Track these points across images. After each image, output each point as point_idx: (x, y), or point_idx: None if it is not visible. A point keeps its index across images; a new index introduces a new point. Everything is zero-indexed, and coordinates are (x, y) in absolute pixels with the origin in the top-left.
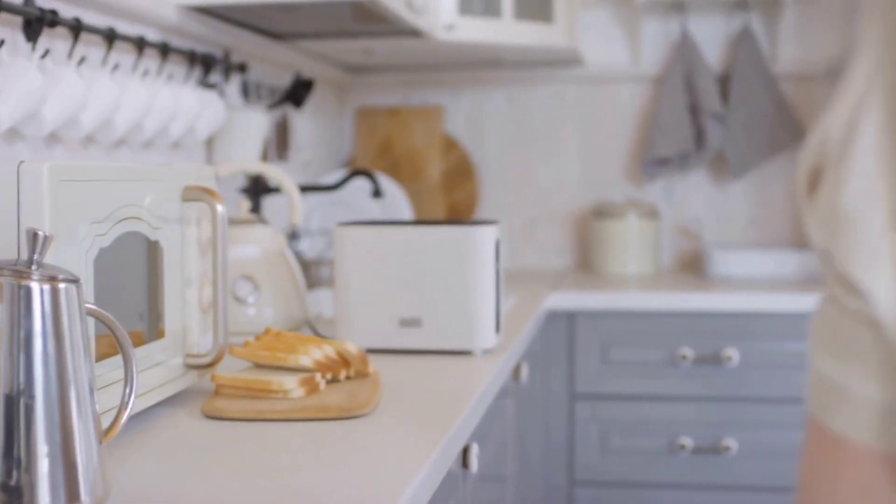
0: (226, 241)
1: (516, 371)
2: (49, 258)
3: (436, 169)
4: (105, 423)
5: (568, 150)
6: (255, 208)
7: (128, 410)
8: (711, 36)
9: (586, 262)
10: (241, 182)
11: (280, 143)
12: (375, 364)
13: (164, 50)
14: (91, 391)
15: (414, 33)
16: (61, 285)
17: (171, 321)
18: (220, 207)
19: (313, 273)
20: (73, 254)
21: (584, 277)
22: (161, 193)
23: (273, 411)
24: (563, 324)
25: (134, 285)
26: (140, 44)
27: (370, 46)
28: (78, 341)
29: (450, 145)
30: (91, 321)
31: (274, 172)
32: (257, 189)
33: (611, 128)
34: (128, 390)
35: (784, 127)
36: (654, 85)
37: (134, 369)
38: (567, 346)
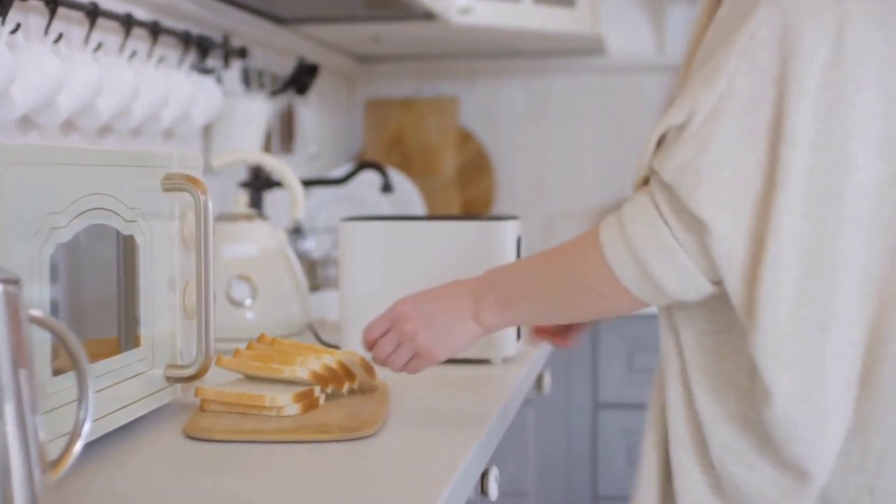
0: (210, 237)
1: (538, 381)
2: None
3: (450, 163)
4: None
5: (589, 143)
6: (257, 203)
7: (81, 438)
8: None
9: None
10: (242, 175)
11: (285, 134)
12: (383, 374)
13: (155, 30)
14: (33, 412)
15: (427, 16)
16: None
17: (149, 327)
18: (205, 198)
19: (320, 273)
20: (23, 250)
21: None
22: (137, 181)
23: (264, 431)
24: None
25: (104, 287)
26: (127, 22)
27: (380, 32)
28: (16, 353)
29: (465, 138)
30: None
31: (274, 163)
32: (258, 183)
33: (634, 120)
34: (82, 414)
35: None
36: None
37: (89, 389)
38: (590, 351)
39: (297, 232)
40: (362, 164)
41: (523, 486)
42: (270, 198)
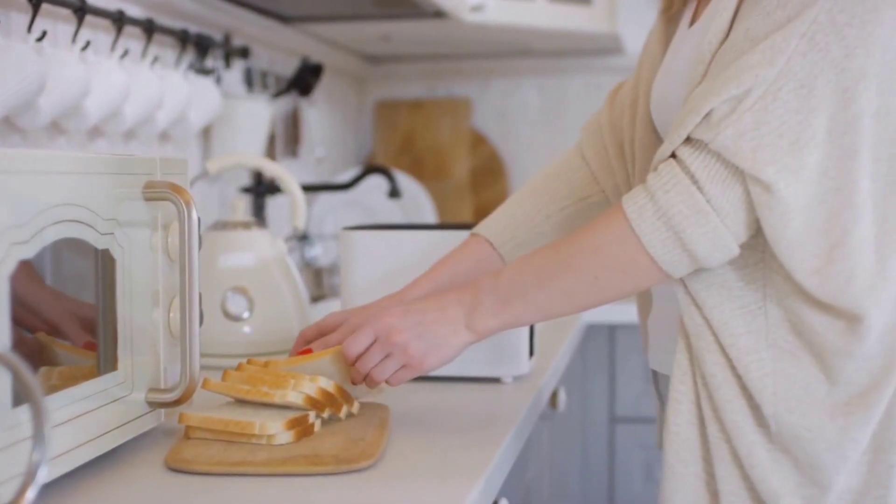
0: (195, 250)
1: (553, 397)
2: None
3: (462, 167)
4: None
5: None
6: (259, 209)
7: (35, 484)
8: None
9: None
10: (245, 181)
11: (290, 138)
12: (387, 394)
13: (149, 28)
14: None
15: (437, 14)
16: None
17: (128, 348)
18: (189, 208)
19: (326, 282)
20: None
21: None
22: (114, 190)
23: (252, 463)
24: (603, 338)
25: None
26: (119, 20)
27: (389, 31)
28: None
29: (478, 141)
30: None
31: (273, 168)
32: (261, 188)
33: None
34: (36, 457)
35: None
36: None
37: (45, 429)
38: (607, 363)
39: (303, 239)
40: (369, 169)
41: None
42: (274, 204)
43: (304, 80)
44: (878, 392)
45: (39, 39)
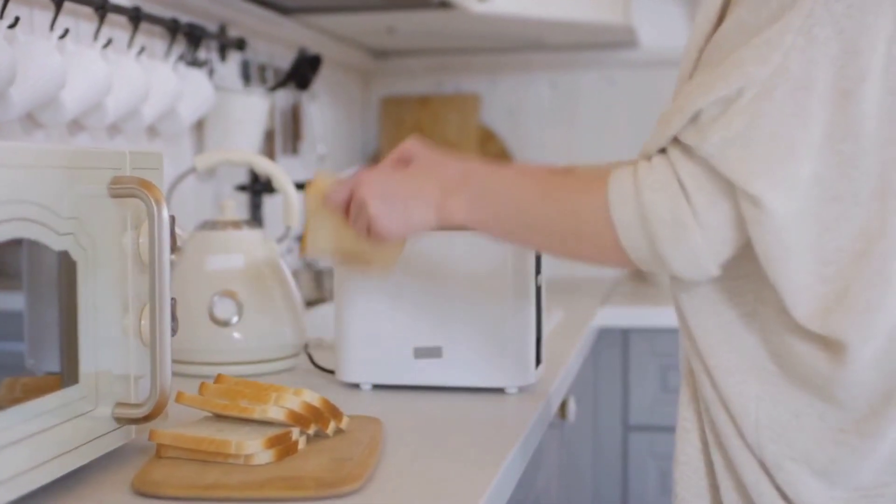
0: (166, 252)
1: (562, 408)
2: None
3: None
4: None
5: (620, 142)
6: (255, 208)
7: None
8: None
9: (642, 271)
10: (243, 178)
11: (291, 134)
12: (381, 405)
13: (136, 17)
14: None
15: (443, 4)
16: None
17: (91, 359)
18: (159, 206)
19: (327, 285)
20: None
21: (639, 289)
22: (76, 186)
23: (225, 486)
24: (616, 343)
25: (35, 312)
26: (102, 7)
27: (394, 23)
28: None
29: (487, 138)
30: None
31: (264, 164)
32: (257, 186)
33: None
34: None
35: None
36: None
37: None
38: (620, 369)
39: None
40: (369, 165)
41: None
42: (272, 203)
43: (302, 72)
44: (877, 422)
45: (12, 26)
